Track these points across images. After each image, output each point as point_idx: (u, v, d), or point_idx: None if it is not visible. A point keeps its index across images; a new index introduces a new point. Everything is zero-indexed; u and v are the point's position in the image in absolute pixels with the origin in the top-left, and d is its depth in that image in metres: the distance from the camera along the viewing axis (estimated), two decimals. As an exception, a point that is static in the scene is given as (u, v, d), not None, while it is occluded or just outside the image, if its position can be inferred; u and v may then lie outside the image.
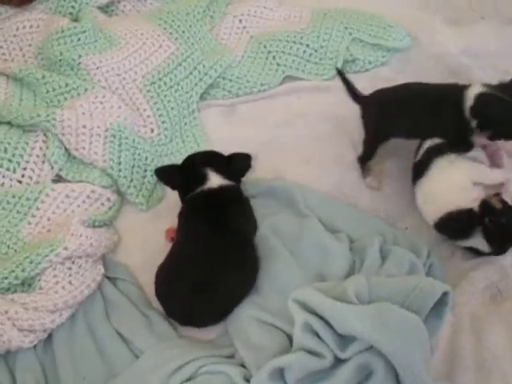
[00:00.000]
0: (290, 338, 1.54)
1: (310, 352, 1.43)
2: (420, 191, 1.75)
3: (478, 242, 1.64)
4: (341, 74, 2.02)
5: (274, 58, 2.29)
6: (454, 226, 1.68)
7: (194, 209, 1.78)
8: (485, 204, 1.62)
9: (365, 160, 1.94)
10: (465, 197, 1.65)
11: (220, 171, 1.80)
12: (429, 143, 1.77)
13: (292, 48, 2.28)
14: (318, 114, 2.11)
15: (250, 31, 2.39)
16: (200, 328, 1.67)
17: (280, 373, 1.44)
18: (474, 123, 1.66)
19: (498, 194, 1.63)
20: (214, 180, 1.79)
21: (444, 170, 1.71)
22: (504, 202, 1.60)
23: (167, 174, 1.85)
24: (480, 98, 1.65)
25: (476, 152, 1.73)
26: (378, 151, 1.91)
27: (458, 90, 1.70)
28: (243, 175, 1.89)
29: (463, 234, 1.67)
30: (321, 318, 1.46)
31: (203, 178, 1.79)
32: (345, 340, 1.45)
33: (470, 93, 1.67)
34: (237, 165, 1.87)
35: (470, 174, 1.68)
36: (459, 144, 1.73)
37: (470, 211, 1.63)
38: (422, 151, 1.78)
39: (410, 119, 1.80)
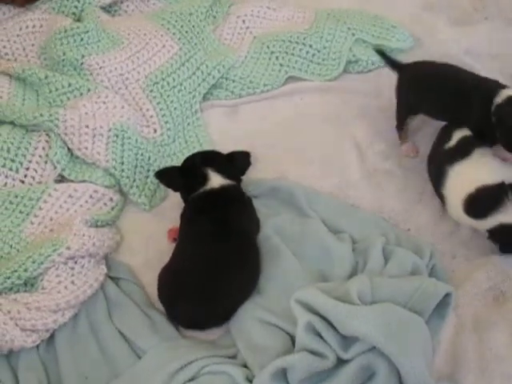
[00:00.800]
0: (292, 339, 1.53)
1: (313, 352, 1.43)
2: (454, 174, 1.73)
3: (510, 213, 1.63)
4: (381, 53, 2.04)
5: (276, 58, 2.29)
6: (485, 198, 1.66)
7: (196, 210, 1.77)
8: None
9: (398, 128, 1.98)
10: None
11: (220, 171, 1.80)
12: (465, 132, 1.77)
13: (295, 48, 2.28)
14: (321, 114, 2.11)
15: (253, 32, 2.39)
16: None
17: (282, 373, 1.44)
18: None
19: None
20: (215, 180, 1.78)
21: (480, 160, 1.71)
22: None
23: (168, 177, 1.85)
24: (509, 100, 1.66)
25: None
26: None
27: (495, 86, 1.71)
28: (244, 173, 1.88)
29: (494, 207, 1.64)
30: (323, 318, 1.46)
31: (204, 179, 1.78)
32: (347, 341, 1.45)
33: (504, 93, 1.67)
34: (237, 163, 1.86)
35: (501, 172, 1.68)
36: (481, 136, 1.74)
37: (501, 184, 1.63)
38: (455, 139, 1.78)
39: (441, 99, 1.82)
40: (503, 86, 1.71)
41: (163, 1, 2.50)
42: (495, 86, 1.71)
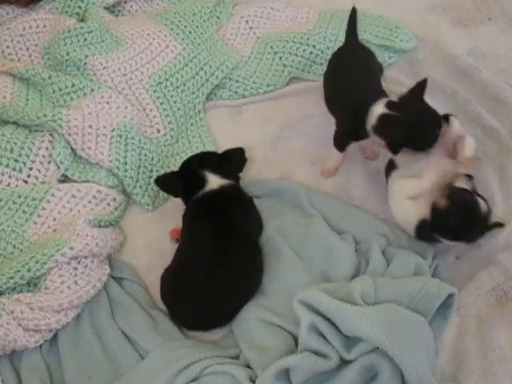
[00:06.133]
0: (295, 339, 1.54)
1: (316, 353, 1.43)
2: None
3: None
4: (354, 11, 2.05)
5: (280, 58, 2.29)
6: (425, 236, 1.70)
7: (198, 212, 1.78)
8: (433, 208, 1.63)
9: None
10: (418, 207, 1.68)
11: (217, 171, 1.80)
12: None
13: (298, 49, 2.28)
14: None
15: (256, 32, 2.39)
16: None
17: (285, 373, 1.44)
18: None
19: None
20: (214, 181, 1.78)
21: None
22: (451, 196, 1.61)
23: (167, 183, 1.85)
24: (381, 119, 1.70)
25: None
26: None
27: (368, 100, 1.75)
28: (241, 170, 1.89)
29: (435, 240, 1.69)
30: (326, 318, 1.46)
31: (202, 181, 1.79)
32: (350, 341, 1.45)
33: (376, 110, 1.72)
34: (233, 161, 1.86)
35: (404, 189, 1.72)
36: (338, 141, 1.86)
37: (423, 222, 1.66)
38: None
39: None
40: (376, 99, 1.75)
41: (167, 1, 2.50)
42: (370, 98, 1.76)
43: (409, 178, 1.70)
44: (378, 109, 1.71)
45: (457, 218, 1.60)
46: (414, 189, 1.68)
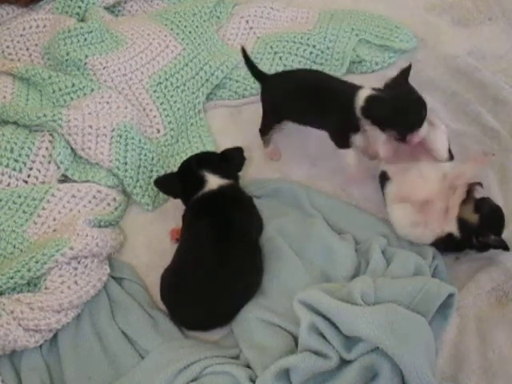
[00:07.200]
0: (295, 339, 1.54)
1: (316, 353, 1.43)
2: None
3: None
4: (244, 51, 2.00)
5: (280, 58, 2.29)
6: (446, 249, 1.73)
7: (197, 212, 1.77)
8: (462, 223, 1.65)
9: (263, 133, 2.03)
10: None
11: (217, 171, 1.80)
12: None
13: (298, 49, 2.28)
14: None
15: (256, 32, 2.39)
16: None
17: (285, 373, 1.44)
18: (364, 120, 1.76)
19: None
20: (213, 181, 1.78)
21: None
22: (479, 210, 1.65)
23: (167, 184, 1.85)
24: (368, 100, 1.74)
25: None
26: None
27: (350, 90, 1.79)
28: (240, 169, 1.88)
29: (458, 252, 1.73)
30: (326, 318, 1.46)
31: (201, 182, 1.78)
32: (350, 341, 1.45)
33: (361, 94, 1.75)
34: (232, 160, 1.86)
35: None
36: (338, 136, 1.85)
37: (450, 236, 1.67)
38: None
39: (301, 107, 1.90)
40: (359, 87, 1.78)
41: (167, 1, 2.51)
42: (352, 89, 1.79)
43: (406, 204, 1.73)
44: (365, 92, 1.75)
45: (493, 231, 1.63)
46: (416, 215, 1.71)
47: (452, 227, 1.66)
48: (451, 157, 1.80)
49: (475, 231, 1.64)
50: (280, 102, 1.92)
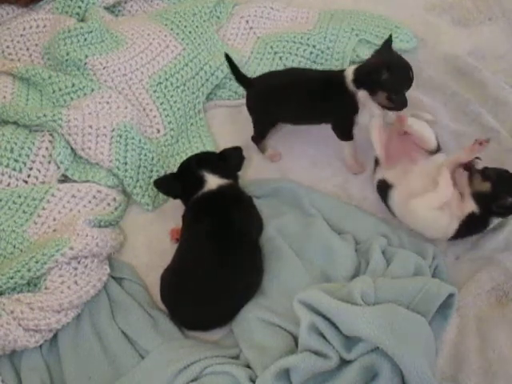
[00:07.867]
0: (295, 339, 1.54)
1: (316, 353, 1.43)
2: None
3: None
4: (228, 56, 2.01)
5: (280, 58, 2.29)
6: (471, 231, 1.73)
7: (197, 212, 1.77)
8: (477, 196, 1.67)
9: (258, 140, 2.04)
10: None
11: (216, 171, 1.80)
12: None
13: (298, 49, 2.28)
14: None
15: (256, 32, 2.39)
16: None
17: (285, 373, 1.44)
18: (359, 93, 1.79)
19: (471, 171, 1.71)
20: (212, 181, 1.78)
21: None
22: (488, 177, 1.67)
23: (166, 185, 1.84)
24: (357, 70, 1.80)
25: None
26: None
27: (338, 73, 1.84)
28: (239, 169, 1.88)
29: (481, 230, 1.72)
30: (326, 318, 1.46)
31: (201, 182, 1.78)
32: (350, 341, 1.45)
33: (348, 71, 1.80)
34: (231, 160, 1.86)
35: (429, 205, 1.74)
36: (343, 125, 1.88)
37: (472, 215, 1.67)
38: None
39: (295, 105, 1.91)
40: (342, 70, 1.84)
41: (167, 1, 2.51)
42: (339, 72, 1.85)
43: (425, 193, 1.71)
44: (352, 67, 1.81)
45: (507, 191, 1.64)
46: (439, 200, 1.70)
47: (470, 206, 1.67)
48: (439, 147, 1.82)
49: (491, 198, 1.65)
50: (272, 103, 1.92)
